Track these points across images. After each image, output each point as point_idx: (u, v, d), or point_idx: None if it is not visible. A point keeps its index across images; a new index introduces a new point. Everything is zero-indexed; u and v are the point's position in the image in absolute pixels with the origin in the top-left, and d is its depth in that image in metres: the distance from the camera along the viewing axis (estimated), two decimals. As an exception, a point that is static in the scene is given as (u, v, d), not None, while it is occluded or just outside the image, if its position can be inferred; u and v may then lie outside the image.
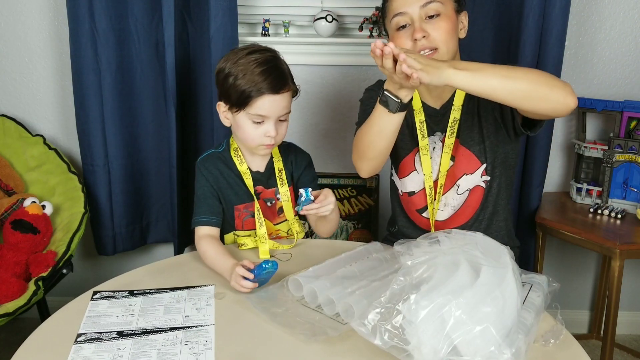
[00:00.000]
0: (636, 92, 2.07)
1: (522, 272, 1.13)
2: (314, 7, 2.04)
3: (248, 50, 1.34)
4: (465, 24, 1.40)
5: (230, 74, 1.32)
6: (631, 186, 1.90)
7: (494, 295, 0.88)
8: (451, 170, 1.43)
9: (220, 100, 1.38)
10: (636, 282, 2.24)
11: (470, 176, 1.43)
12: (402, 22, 1.33)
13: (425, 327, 0.86)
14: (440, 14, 1.31)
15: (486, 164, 1.42)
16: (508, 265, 0.95)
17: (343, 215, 2.14)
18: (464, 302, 0.86)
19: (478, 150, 1.42)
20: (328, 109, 2.13)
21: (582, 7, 1.99)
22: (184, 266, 1.32)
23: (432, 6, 1.30)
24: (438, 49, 1.31)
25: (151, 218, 2.14)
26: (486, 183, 1.44)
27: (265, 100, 1.31)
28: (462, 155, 1.43)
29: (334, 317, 1.05)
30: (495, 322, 0.87)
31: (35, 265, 1.68)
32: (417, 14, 1.31)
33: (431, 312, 0.86)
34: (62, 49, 2.05)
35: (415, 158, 1.47)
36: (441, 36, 1.30)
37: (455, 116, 1.42)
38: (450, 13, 1.33)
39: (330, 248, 1.34)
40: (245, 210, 1.42)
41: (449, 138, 1.42)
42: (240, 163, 1.42)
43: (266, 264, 1.15)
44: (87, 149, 1.99)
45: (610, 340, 1.74)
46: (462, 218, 1.46)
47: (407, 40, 1.32)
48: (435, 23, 1.31)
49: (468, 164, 1.43)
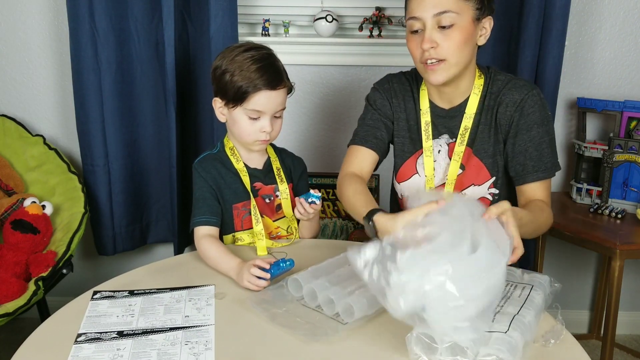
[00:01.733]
0: (636, 92, 2.07)
1: (525, 272, 1.13)
2: (314, 7, 2.04)
3: (244, 48, 1.37)
4: (488, 29, 1.33)
5: (226, 71, 1.34)
6: (631, 186, 1.90)
7: (480, 276, 0.88)
8: (459, 179, 1.40)
9: (217, 96, 1.40)
10: (636, 282, 2.24)
11: (478, 187, 1.39)
12: (415, 26, 1.28)
13: (408, 278, 0.86)
14: (454, 25, 1.25)
15: (495, 178, 1.39)
16: (505, 256, 0.94)
17: (343, 215, 2.14)
18: (452, 272, 0.85)
19: (490, 163, 1.38)
20: (328, 109, 2.13)
21: (582, 7, 1.99)
22: (184, 266, 1.32)
23: (446, 16, 1.24)
24: (446, 60, 1.28)
25: (151, 218, 2.15)
26: (493, 196, 1.41)
27: (262, 96, 1.33)
28: (473, 165, 1.39)
29: (334, 317, 1.05)
30: (473, 301, 0.87)
31: (35, 265, 1.68)
32: (429, 21, 1.25)
33: (420, 268, 0.86)
34: (62, 49, 2.05)
35: (418, 161, 1.45)
36: (451, 48, 1.26)
37: (466, 124, 1.38)
38: (466, 23, 1.26)
39: (330, 248, 1.34)
40: (243, 209, 1.43)
41: (459, 146, 1.38)
42: (237, 161, 1.43)
43: (283, 262, 1.16)
44: (87, 149, 1.99)
45: (610, 340, 1.74)
46: None
47: (417, 47, 1.29)
48: (447, 34, 1.25)
49: (478, 175, 1.39)
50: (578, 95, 2.05)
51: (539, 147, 1.33)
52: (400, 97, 1.46)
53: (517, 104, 1.33)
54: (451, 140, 1.41)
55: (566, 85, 2.05)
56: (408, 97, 1.46)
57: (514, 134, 1.35)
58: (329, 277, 1.12)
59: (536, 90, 1.34)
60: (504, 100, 1.35)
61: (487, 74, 1.40)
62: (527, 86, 1.35)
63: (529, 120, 1.33)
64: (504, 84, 1.37)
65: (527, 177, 1.34)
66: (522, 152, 1.34)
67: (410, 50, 1.33)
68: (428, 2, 1.25)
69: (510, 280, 1.11)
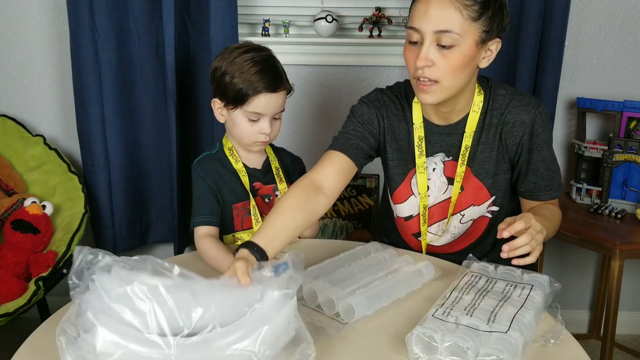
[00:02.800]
0: (636, 92, 2.07)
1: (525, 272, 1.13)
2: (314, 7, 2.04)
3: (243, 49, 1.36)
4: (494, 52, 1.22)
5: (226, 73, 1.34)
6: (631, 186, 1.90)
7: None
8: (458, 199, 1.35)
9: (216, 97, 1.40)
10: (636, 282, 2.24)
11: (477, 207, 1.36)
12: (414, 37, 1.18)
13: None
14: (454, 46, 1.15)
15: (495, 197, 1.35)
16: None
17: (343, 215, 2.14)
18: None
19: (491, 183, 1.33)
20: (328, 109, 2.13)
21: (582, 7, 1.99)
22: (184, 266, 1.31)
23: (447, 36, 1.13)
24: (438, 83, 1.18)
25: (151, 218, 2.15)
26: (492, 213, 1.38)
27: (262, 98, 1.33)
28: (472, 186, 1.34)
29: (334, 316, 1.05)
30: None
31: (35, 265, 1.68)
32: (429, 37, 1.15)
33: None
34: (62, 49, 2.05)
35: (412, 181, 1.38)
36: (447, 70, 1.16)
37: (467, 144, 1.30)
38: (468, 47, 1.16)
39: (330, 248, 1.34)
40: (243, 209, 1.43)
41: (460, 167, 1.31)
42: (236, 162, 1.43)
43: (284, 267, 1.00)
44: (87, 149, 1.99)
45: (610, 340, 1.74)
46: (461, 244, 1.42)
47: (412, 61, 1.19)
48: (445, 54, 1.15)
49: (477, 196, 1.34)
50: (578, 95, 2.05)
51: (550, 167, 1.32)
52: (392, 117, 1.36)
53: (525, 125, 1.27)
54: (447, 159, 1.34)
55: (566, 85, 2.05)
56: (399, 117, 1.36)
57: (525, 154, 1.30)
58: (329, 277, 1.12)
59: (542, 107, 1.28)
60: (510, 120, 1.28)
61: (487, 88, 1.31)
62: (533, 104, 1.28)
63: (540, 140, 1.29)
64: (507, 100, 1.29)
65: (539, 196, 1.34)
66: (534, 171, 1.31)
67: (405, 60, 1.23)
68: (432, 16, 1.14)
69: (510, 280, 1.11)
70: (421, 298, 1.12)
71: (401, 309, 1.08)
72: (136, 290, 0.83)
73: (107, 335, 0.81)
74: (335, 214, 2.15)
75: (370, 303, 1.04)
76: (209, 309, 0.84)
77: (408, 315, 1.05)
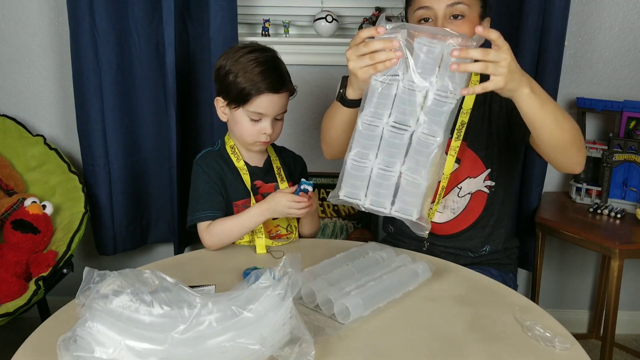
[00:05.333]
0: (636, 92, 2.07)
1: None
2: (314, 7, 2.04)
3: (248, 49, 1.37)
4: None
5: (230, 72, 1.35)
6: (630, 186, 1.90)
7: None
8: (454, 173, 1.41)
9: (219, 95, 1.41)
10: (636, 282, 2.24)
11: (473, 180, 1.41)
12: (426, 16, 1.28)
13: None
14: (465, 16, 1.26)
15: (491, 169, 1.41)
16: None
17: (343, 215, 2.14)
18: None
19: (484, 155, 1.40)
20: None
21: (582, 7, 1.99)
22: (184, 266, 1.32)
23: (459, 7, 1.25)
24: None
25: (151, 218, 2.15)
26: (489, 189, 1.42)
27: (265, 99, 1.33)
28: (468, 158, 1.41)
29: (333, 316, 1.05)
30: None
31: (35, 265, 1.68)
32: (442, 11, 1.26)
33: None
34: (62, 49, 2.05)
35: None
36: None
37: (463, 119, 1.37)
38: (475, 17, 1.28)
39: (329, 248, 1.34)
40: (243, 207, 1.43)
41: (455, 141, 1.38)
42: (237, 160, 1.44)
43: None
44: (88, 149, 1.99)
45: (610, 340, 1.74)
46: (463, 223, 1.45)
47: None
48: (458, 25, 1.26)
49: (472, 168, 1.41)
50: (578, 95, 2.05)
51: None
52: None
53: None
54: (449, 137, 1.40)
55: (566, 85, 2.05)
56: None
57: (509, 106, 1.31)
58: (327, 277, 1.12)
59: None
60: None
61: None
62: None
63: None
64: None
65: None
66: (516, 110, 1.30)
67: None
68: None
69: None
70: (417, 298, 1.13)
71: (398, 309, 1.09)
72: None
73: (103, 330, 0.81)
74: (335, 214, 2.15)
75: (366, 304, 1.05)
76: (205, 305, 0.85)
77: (405, 315, 1.06)
